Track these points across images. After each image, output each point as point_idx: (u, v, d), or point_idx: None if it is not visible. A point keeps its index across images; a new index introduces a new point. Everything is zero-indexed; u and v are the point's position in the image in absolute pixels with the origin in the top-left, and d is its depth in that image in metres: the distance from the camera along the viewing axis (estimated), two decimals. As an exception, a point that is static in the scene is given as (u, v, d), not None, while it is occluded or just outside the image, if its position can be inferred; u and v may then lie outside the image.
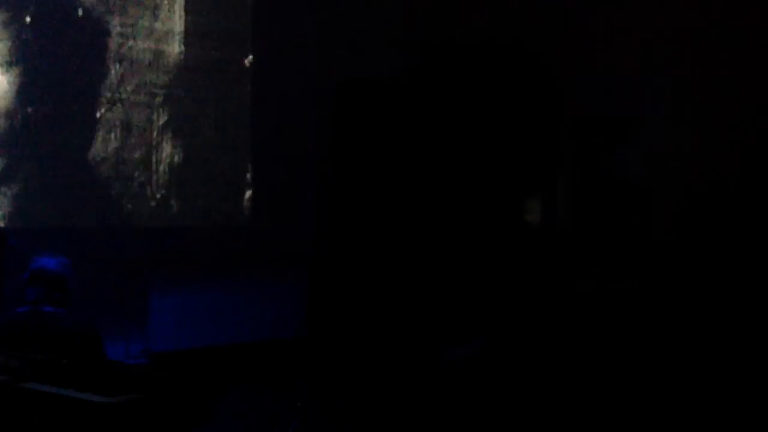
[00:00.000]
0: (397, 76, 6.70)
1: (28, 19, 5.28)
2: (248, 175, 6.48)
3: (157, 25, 5.90)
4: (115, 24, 5.67)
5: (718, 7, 5.80)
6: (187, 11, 6.02)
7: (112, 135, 5.68)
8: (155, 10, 5.89)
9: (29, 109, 5.29)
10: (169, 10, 5.96)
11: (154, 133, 5.91)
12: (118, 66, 5.68)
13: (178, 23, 6.01)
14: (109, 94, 5.65)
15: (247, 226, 6.46)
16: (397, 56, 6.65)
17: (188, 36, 6.04)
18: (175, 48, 6.00)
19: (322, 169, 6.75)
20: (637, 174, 6.33)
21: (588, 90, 6.41)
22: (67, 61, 5.46)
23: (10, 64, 5.20)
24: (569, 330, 5.58)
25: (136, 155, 5.84)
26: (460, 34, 6.59)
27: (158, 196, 6.03)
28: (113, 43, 5.67)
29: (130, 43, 5.75)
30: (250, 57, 6.42)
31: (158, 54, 5.89)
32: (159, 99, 5.92)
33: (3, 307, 4.30)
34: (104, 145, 5.65)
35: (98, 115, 5.63)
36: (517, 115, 6.53)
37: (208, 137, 6.22)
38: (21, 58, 5.25)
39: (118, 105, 5.70)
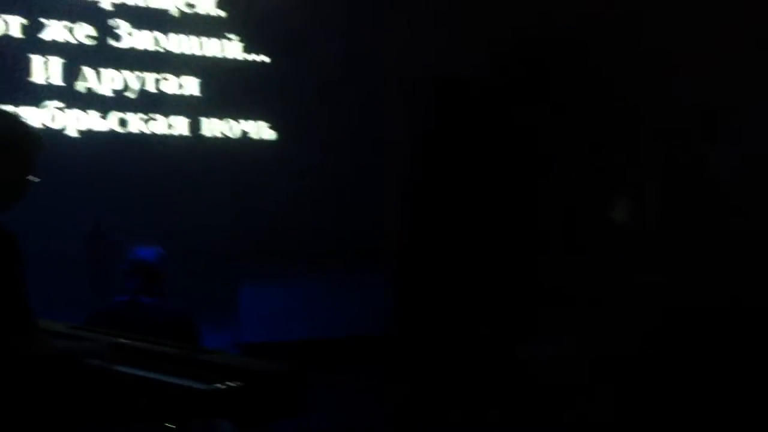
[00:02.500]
0: (488, 74, 6.65)
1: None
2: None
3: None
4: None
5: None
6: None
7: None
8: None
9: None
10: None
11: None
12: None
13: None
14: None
15: (338, 219, 6.51)
16: (490, 55, 6.60)
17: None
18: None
19: (413, 165, 6.76)
20: (733, 172, 6.08)
21: (682, 83, 6.20)
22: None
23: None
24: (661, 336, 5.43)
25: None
26: (548, 33, 6.48)
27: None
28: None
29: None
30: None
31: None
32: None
33: (103, 297, 4.46)
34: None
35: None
36: (608, 112, 6.38)
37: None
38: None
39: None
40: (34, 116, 5.38)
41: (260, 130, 6.33)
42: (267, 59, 6.32)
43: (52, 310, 2.67)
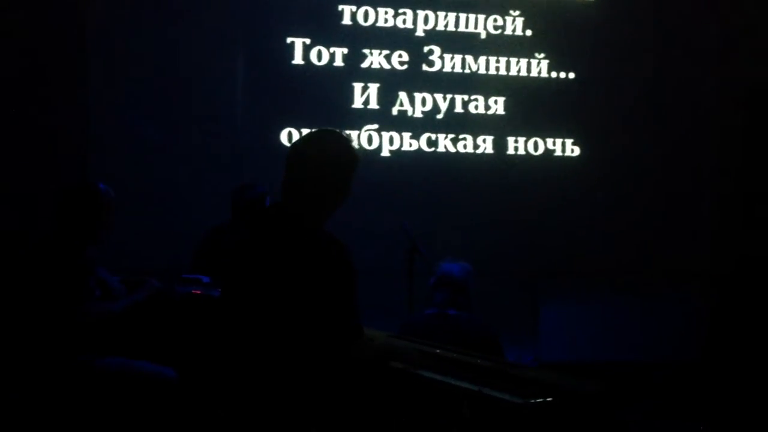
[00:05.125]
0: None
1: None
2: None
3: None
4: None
5: None
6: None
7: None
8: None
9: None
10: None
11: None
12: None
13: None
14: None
15: (642, 237, 6.31)
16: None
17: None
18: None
19: (724, 177, 6.38)
20: None
21: None
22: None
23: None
24: None
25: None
26: None
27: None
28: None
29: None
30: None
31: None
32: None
33: (413, 308, 4.70)
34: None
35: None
36: None
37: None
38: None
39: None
40: (353, 139, 5.83)
41: (565, 147, 6.32)
42: (572, 75, 6.29)
43: (372, 318, 2.86)
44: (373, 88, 5.98)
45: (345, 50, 5.92)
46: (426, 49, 6.06)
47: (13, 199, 5.27)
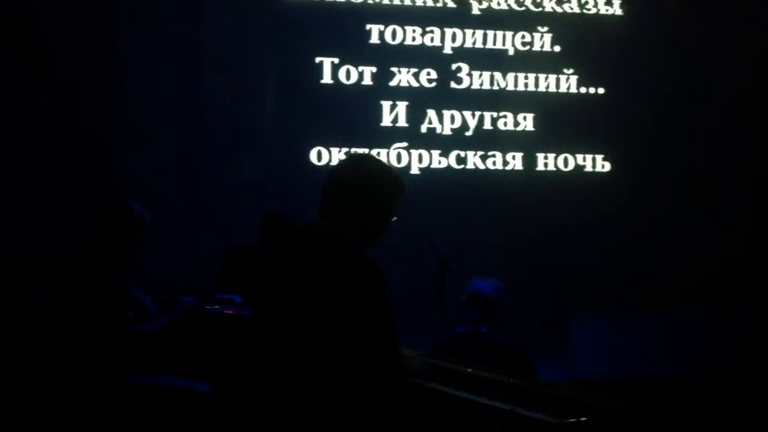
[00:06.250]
0: None
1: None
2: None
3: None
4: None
5: None
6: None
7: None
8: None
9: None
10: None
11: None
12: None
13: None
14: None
15: (675, 252, 6.25)
16: None
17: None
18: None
19: (757, 186, 6.32)
20: None
21: None
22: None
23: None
24: None
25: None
26: None
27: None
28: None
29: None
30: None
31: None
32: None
33: (444, 326, 4.68)
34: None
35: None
36: None
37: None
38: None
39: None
40: (382, 158, 5.85)
41: (595, 163, 6.29)
42: (601, 90, 6.27)
43: (402, 337, 2.86)
44: (402, 106, 6.00)
45: (373, 69, 5.95)
46: (454, 66, 6.07)
47: (50, 214, 5.36)
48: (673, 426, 4.73)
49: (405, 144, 6.01)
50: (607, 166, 6.30)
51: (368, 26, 5.97)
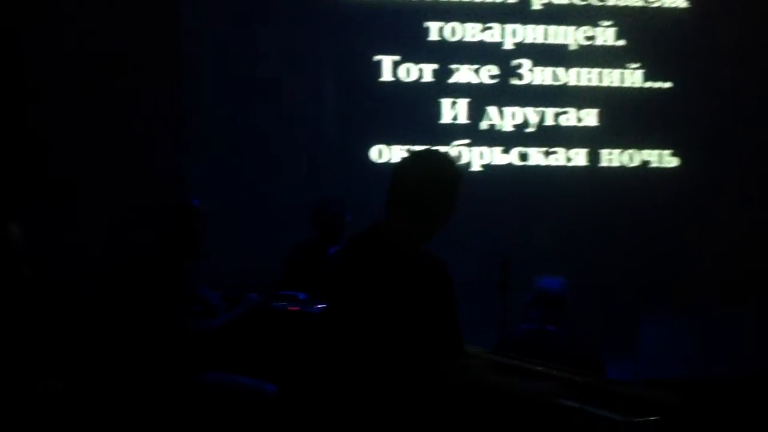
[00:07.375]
0: None
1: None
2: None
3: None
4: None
5: None
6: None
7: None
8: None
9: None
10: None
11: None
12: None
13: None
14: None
15: (747, 248, 6.08)
16: None
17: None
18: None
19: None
20: None
21: None
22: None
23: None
24: None
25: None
26: None
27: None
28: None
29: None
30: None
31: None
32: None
33: (505, 323, 4.64)
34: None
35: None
36: None
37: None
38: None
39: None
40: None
41: (662, 158, 6.16)
42: (668, 85, 6.14)
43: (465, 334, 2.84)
44: (462, 103, 5.97)
45: (433, 66, 5.93)
46: (515, 62, 6.02)
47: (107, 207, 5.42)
48: (743, 426, 4.60)
49: (466, 141, 5.98)
50: (675, 162, 6.17)
51: (427, 24, 5.95)
